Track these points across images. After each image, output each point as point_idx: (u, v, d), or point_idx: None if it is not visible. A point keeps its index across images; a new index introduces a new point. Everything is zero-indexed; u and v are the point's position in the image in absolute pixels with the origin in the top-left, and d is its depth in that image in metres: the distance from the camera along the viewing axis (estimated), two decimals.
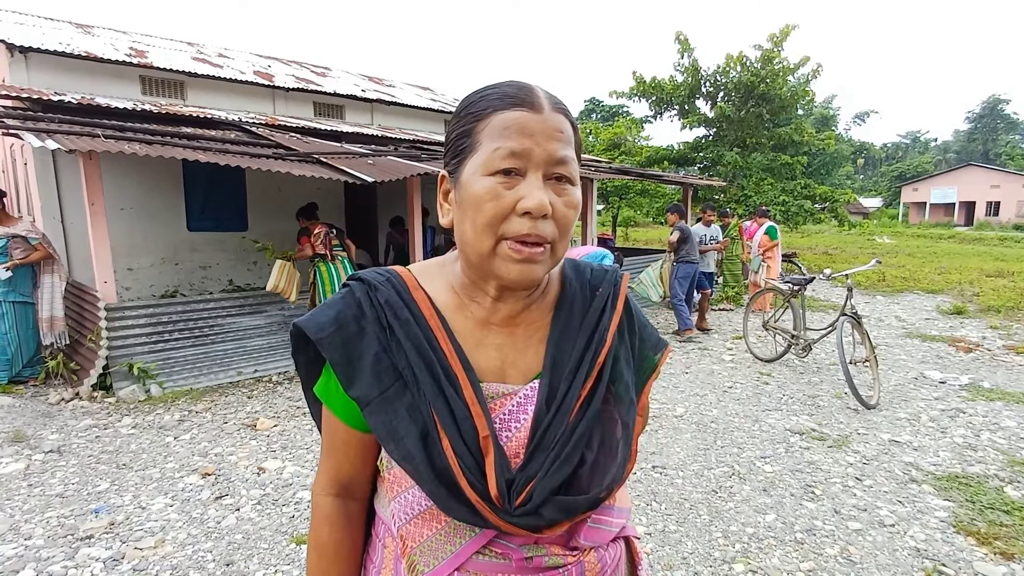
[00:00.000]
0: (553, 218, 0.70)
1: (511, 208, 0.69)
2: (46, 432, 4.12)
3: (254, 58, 10.89)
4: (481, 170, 0.70)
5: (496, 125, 0.70)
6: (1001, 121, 57.69)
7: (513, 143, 0.69)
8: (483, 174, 0.70)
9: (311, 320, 0.76)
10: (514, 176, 0.69)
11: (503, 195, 0.69)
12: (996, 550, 2.65)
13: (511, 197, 0.69)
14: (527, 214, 0.68)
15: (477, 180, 0.70)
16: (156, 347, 5.24)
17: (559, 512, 0.70)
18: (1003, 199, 38.92)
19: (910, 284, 11.35)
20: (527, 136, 0.69)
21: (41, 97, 6.30)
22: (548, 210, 0.69)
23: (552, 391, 0.75)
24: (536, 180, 0.69)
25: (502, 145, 0.69)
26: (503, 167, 0.69)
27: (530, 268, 0.70)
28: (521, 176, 0.69)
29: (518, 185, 0.69)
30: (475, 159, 0.71)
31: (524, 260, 0.69)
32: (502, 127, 0.69)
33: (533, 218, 0.68)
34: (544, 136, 0.70)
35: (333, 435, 0.81)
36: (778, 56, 13.69)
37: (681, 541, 2.78)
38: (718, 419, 4.38)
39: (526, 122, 0.69)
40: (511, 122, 0.69)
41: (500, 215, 0.69)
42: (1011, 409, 4.52)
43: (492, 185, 0.69)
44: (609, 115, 35.07)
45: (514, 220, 0.69)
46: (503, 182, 0.69)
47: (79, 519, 2.96)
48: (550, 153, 0.70)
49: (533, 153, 0.69)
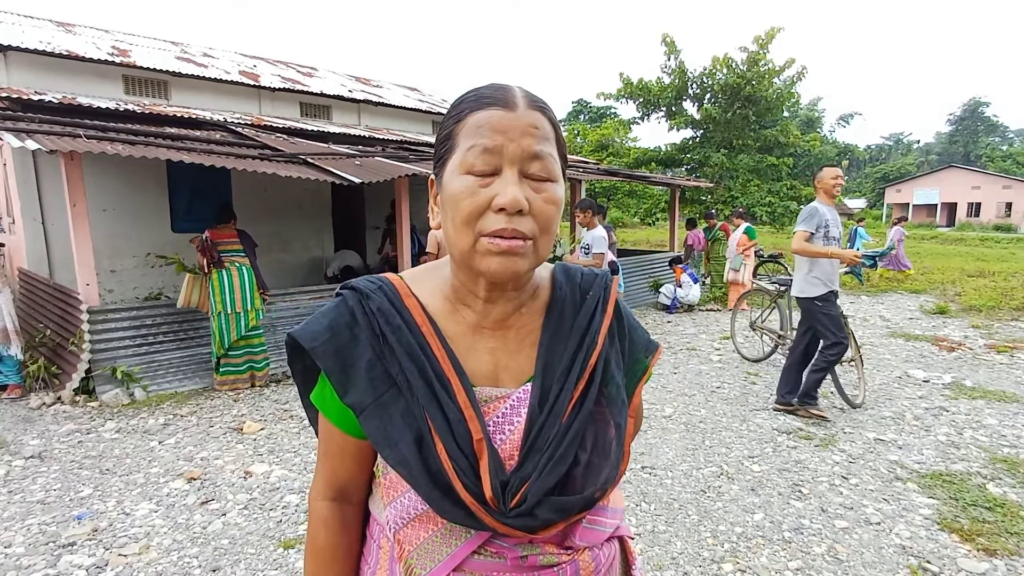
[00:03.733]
0: (532, 214, 0.70)
1: (487, 205, 0.69)
2: (27, 437, 4.05)
3: (239, 58, 10.79)
4: (458, 169, 0.71)
5: (471, 125, 0.71)
6: (982, 123, 58.69)
7: (486, 140, 0.70)
8: (460, 173, 0.71)
9: (305, 330, 0.77)
10: (490, 175, 0.70)
11: (478, 192, 0.69)
12: (979, 547, 2.69)
13: (486, 194, 0.69)
14: (502, 210, 0.69)
15: (455, 179, 0.71)
16: (140, 350, 5.17)
17: (554, 513, 0.71)
18: (984, 200, 39.61)
19: (894, 284, 11.50)
20: (500, 133, 0.70)
21: (21, 96, 6.20)
22: (523, 206, 0.69)
23: (544, 393, 0.75)
24: (511, 176, 0.70)
25: (476, 143, 0.70)
26: (477, 163, 0.70)
27: (511, 261, 0.70)
28: (497, 174, 0.70)
29: (493, 182, 0.70)
30: (453, 160, 0.72)
31: (503, 253, 0.69)
32: (476, 126, 0.71)
33: (508, 214, 0.69)
34: (517, 132, 0.70)
35: (329, 441, 0.82)
36: (764, 58, 13.84)
37: (670, 541, 2.79)
38: (706, 419, 4.41)
39: (499, 120, 0.70)
40: (484, 120, 0.70)
41: (476, 212, 0.69)
42: (992, 407, 4.59)
43: (468, 183, 0.70)
44: (597, 117, 35.23)
45: (490, 216, 0.69)
46: (479, 180, 0.70)
47: (61, 526, 2.91)
48: (524, 148, 0.70)
49: (506, 149, 0.70)
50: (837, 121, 49.16)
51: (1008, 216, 37.99)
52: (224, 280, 5.00)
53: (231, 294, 5.02)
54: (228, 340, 5.06)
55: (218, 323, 5.03)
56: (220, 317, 5.01)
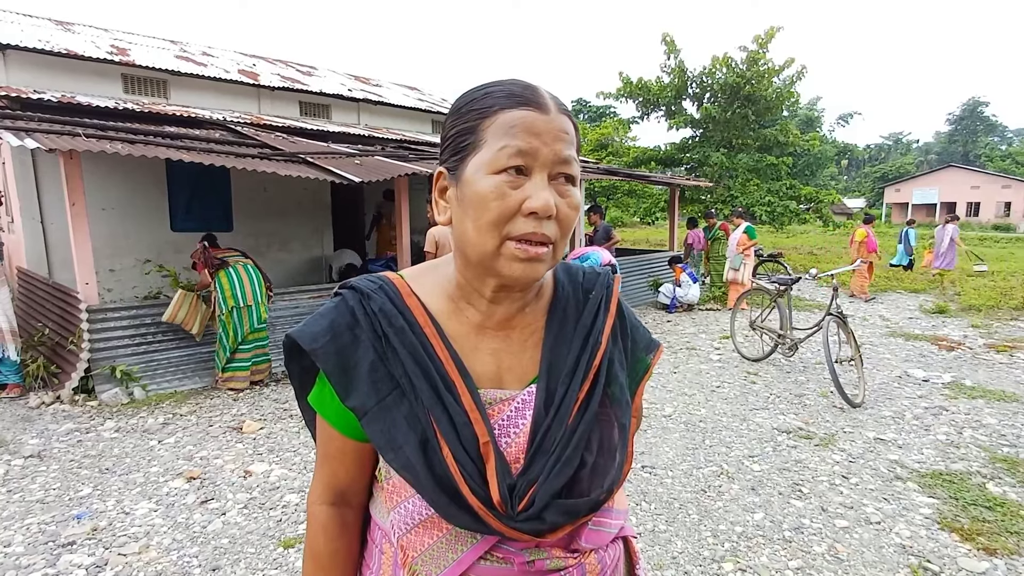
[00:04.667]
0: (556, 219, 0.70)
1: (516, 208, 0.68)
2: (26, 437, 4.04)
3: (239, 56, 10.77)
4: (486, 168, 0.69)
5: (503, 123, 0.69)
6: (981, 123, 58.74)
7: (521, 142, 0.68)
8: (488, 172, 0.69)
9: (304, 330, 0.75)
10: (519, 176, 0.69)
11: (509, 194, 0.68)
12: (979, 546, 2.69)
13: (517, 196, 0.68)
14: (532, 214, 0.68)
15: (481, 178, 0.69)
16: (139, 349, 5.16)
17: (562, 516, 0.70)
18: (983, 200, 39.61)
19: (893, 284, 11.50)
20: (534, 135, 0.68)
21: (20, 95, 6.18)
22: (553, 211, 0.68)
23: (550, 395, 0.74)
24: (542, 180, 0.69)
25: (509, 143, 0.68)
26: (510, 166, 0.68)
27: (533, 267, 0.70)
28: (526, 176, 0.69)
29: (523, 185, 0.69)
30: (479, 157, 0.70)
31: (529, 259, 0.69)
32: (509, 125, 0.69)
33: (538, 218, 0.68)
34: (551, 136, 0.69)
35: (328, 444, 0.80)
36: (763, 58, 13.82)
37: (671, 540, 2.79)
38: (706, 418, 4.40)
39: (533, 121, 0.69)
40: (518, 121, 0.69)
41: (506, 214, 0.68)
42: (992, 407, 4.59)
43: (498, 184, 0.68)
44: (596, 116, 35.24)
45: (519, 220, 0.68)
46: (509, 181, 0.68)
47: (60, 525, 2.90)
48: (556, 153, 0.69)
49: (540, 153, 0.68)
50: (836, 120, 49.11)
51: (1007, 216, 38.01)
52: (233, 276, 5.06)
53: (241, 288, 5.07)
54: (242, 333, 5.10)
55: (231, 319, 5.05)
56: (233, 312, 5.04)
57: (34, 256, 6.44)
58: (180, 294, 5.22)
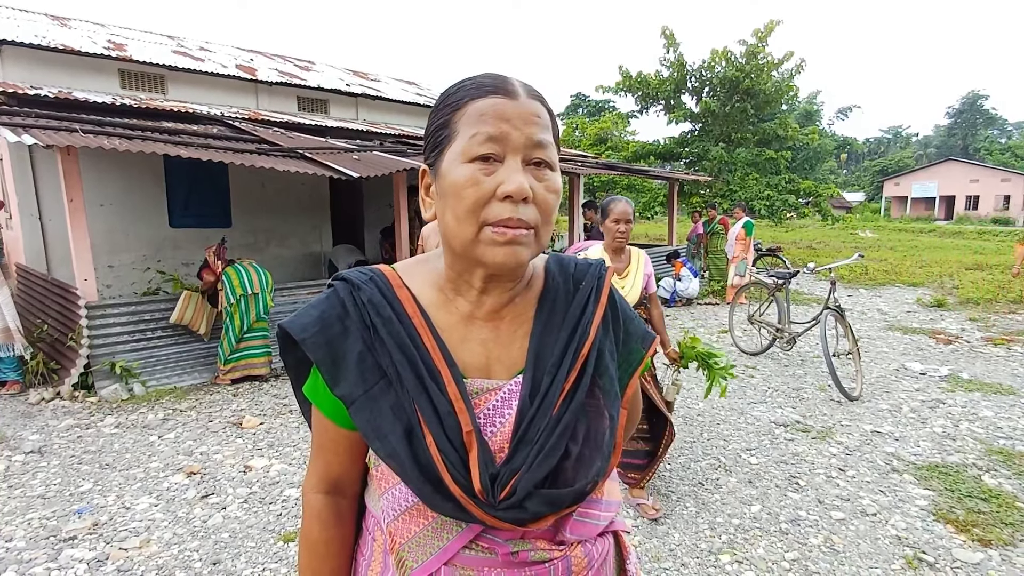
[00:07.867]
0: (535, 203, 0.70)
1: (491, 193, 0.68)
2: (26, 432, 4.05)
3: (236, 51, 10.73)
4: (460, 158, 0.70)
5: (472, 112, 0.70)
6: (980, 116, 58.58)
7: (490, 128, 0.69)
8: (462, 161, 0.70)
9: (295, 321, 0.76)
10: (493, 162, 0.69)
11: (482, 181, 0.69)
12: (974, 537, 2.71)
13: (491, 182, 0.69)
14: (508, 198, 0.68)
15: (456, 168, 0.70)
16: (139, 345, 5.17)
17: (544, 505, 0.70)
18: (982, 193, 39.57)
19: (892, 277, 11.51)
20: (504, 121, 0.69)
21: (16, 91, 6.16)
22: (528, 193, 0.69)
23: (535, 384, 0.75)
24: (515, 164, 0.69)
25: (479, 130, 0.69)
26: (481, 152, 0.69)
27: (515, 251, 0.70)
28: (500, 161, 0.70)
29: (497, 170, 0.69)
30: (454, 148, 0.71)
31: (508, 243, 0.69)
32: (478, 114, 0.70)
33: (514, 202, 0.68)
34: (521, 120, 0.70)
35: (322, 434, 0.81)
36: (762, 51, 13.79)
37: (668, 533, 2.80)
38: (704, 412, 4.42)
39: (503, 108, 0.70)
40: (487, 108, 0.70)
41: (481, 201, 0.69)
42: (988, 400, 4.61)
43: (471, 171, 0.69)
44: (595, 110, 35.09)
45: (495, 205, 0.69)
46: (482, 168, 0.69)
47: (61, 520, 2.92)
48: (528, 136, 0.70)
49: (511, 137, 0.69)
50: (836, 114, 49.14)
51: (1006, 209, 37.99)
52: (241, 270, 5.26)
53: (248, 278, 5.24)
54: (248, 322, 5.19)
55: (238, 309, 5.16)
56: (241, 301, 5.17)
57: (33, 253, 6.45)
58: (185, 295, 5.31)
